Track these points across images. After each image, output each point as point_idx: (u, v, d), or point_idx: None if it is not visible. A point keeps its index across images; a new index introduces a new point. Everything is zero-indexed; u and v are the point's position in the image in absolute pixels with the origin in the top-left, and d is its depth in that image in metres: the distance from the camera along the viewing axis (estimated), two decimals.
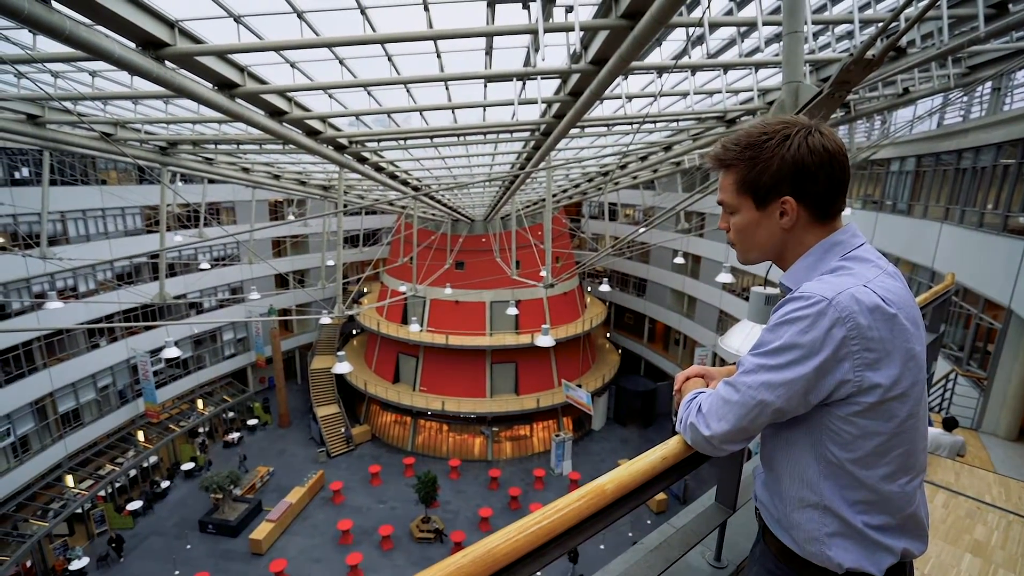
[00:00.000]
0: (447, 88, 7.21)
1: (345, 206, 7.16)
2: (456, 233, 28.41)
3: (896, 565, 1.10)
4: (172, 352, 11.94)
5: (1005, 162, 10.77)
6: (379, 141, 9.05)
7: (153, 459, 24.58)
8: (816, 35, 7.39)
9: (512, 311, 20.46)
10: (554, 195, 20.85)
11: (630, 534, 20.81)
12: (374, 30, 4.72)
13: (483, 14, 5.03)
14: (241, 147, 9.54)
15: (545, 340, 12.58)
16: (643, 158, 13.31)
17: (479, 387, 28.19)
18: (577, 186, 19.34)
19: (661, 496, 22.26)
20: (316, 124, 6.96)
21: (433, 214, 26.22)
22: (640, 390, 30.04)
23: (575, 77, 6.39)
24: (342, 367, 10.05)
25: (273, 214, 32.42)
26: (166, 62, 4.56)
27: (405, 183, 13.66)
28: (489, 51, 6.10)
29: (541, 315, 28.60)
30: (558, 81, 7.13)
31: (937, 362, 3.03)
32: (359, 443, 27.99)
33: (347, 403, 29.51)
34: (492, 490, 24.11)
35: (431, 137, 9.06)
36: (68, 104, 7.72)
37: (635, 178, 17.30)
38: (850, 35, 6.93)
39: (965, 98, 13.06)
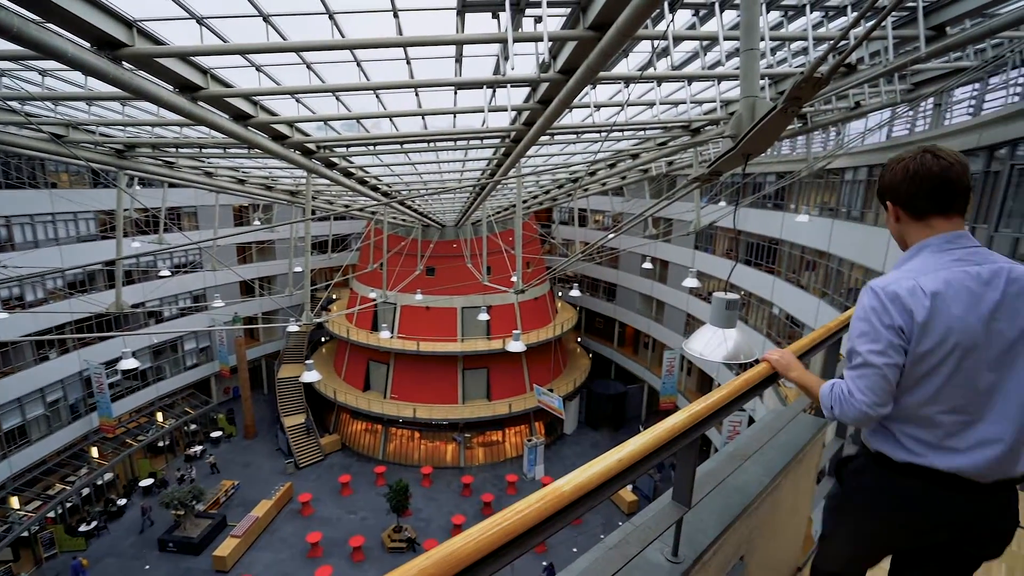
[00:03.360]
0: (417, 94, 7.21)
1: (313, 212, 7.06)
2: (427, 239, 28.26)
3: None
4: (129, 363, 11.44)
5: None
6: (348, 146, 8.96)
7: (108, 476, 23.46)
8: (774, 50, 7.71)
9: (483, 317, 20.46)
10: (524, 201, 20.98)
11: (602, 536, 20.94)
12: (343, 35, 4.69)
13: (453, 22, 5.07)
14: (204, 151, 9.29)
15: (516, 345, 12.63)
16: (611, 165, 13.56)
17: (451, 393, 28.03)
18: (547, 192, 19.53)
19: (632, 498, 22.55)
20: (283, 129, 6.85)
21: (403, 220, 26.02)
22: (611, 393, 30.41)
23: (544, 86, 6.48)
24: (310, 376, 9.85)
25: (238, 219, 31.56)
26: (123, 63, 4.42)
27: (375, 189, 13.54)
28: (459, 59, 6.14)
29: (512, 320, 28.67)
30: (528, 89, 7.23)
31: None
32: (329, 453, 27.43)
33: (316, 412, 28.89)
34: (465, 497, 23.95)
35: (401, 143, 9.03)
36: (15, 104, 7.38)
37: (604, 184, 17.59)
38: (805, 51, 7.25)
39: (911, 112, 13.80)
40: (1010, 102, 10.22)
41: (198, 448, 27.07)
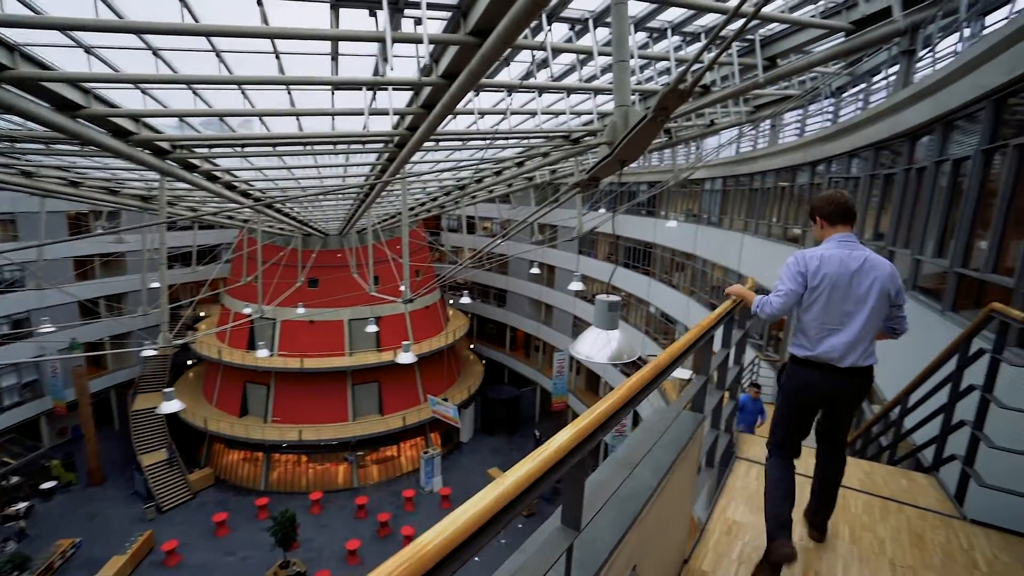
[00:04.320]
0: (290, 93, 6.71)
1: (172, 220, 6.23)
2: (308, 248, 26.54)
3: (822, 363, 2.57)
4: None
5: (781, 184, 13.25)
6: (210, 147, 8.08)
7: None
8: (642, 68, 8.37)
9: (372, 329, 19.64)
10: (411, 208, 20.60)
11: (503, 541, 21.11)
12: (195, 19, 4.19)
13: (327, 17, 4.79)
14: (16, 145, 7.78)
15: (407, 357, 12.23)
16: (497, 172, 13.79)
17: (340, 411, 26.51)
18: (434, 199, 19.35)
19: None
20: (125, 123, 5.96)
21: (281, 228, 24.17)
22: (505, 398, 30.85)
23: (427, 90, 6.38)
24: (170, 406, 8.64)
25: (74, 228, 27.02)
26: None
27: (246, 195, 12.38)
28: (335, 56, 5.82)
29: (403, 330, 27.93)
30: (411, 93, 7.07)
31: (745, 351, 3.57)
32: (199, 490, 24.41)
33: (183, 446, 25.62)
34: (360, 519, 22.72)
35: (273, 145, 8.35)
36: None
37: (491, 192, 17.86)
38: (668, 71, 7.98)
39: (754, 131, 15.84)
40: (823, 126, 12.13)
41: (22, 505, 22.26)
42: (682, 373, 18.97)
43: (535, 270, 28.67)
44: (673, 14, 6.62)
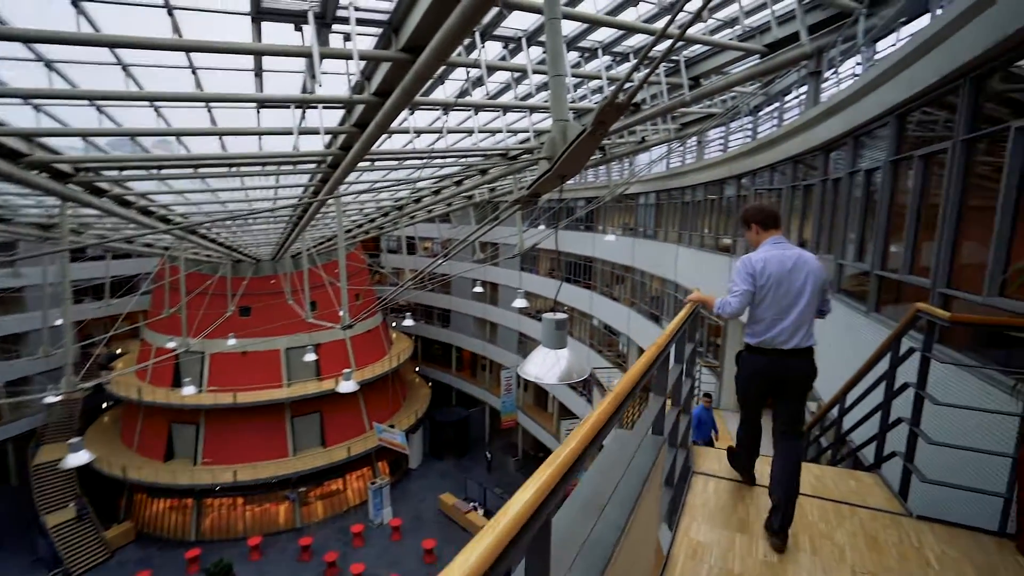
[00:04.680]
0: (210, 111, 6.29)
1: (75, 246, 5.62)
2: (239, 275, 25.07)
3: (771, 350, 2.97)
4: None
5: (711, 197, 13.93)
6: (120, 169, 7.41)
7: None
8: (576, 87, 8.56)
9: (310, 357, 18.69)
10: (348, 230, 19.99)
11: None
12: (96, 29, 3.81)
13: (248, 30, 4.52)
14: None
15: (348, 385, 11.64)
16: (436, 192, 13.63)
17: (279, 446, 24.96)
18: (372, 220, 18.87)
19: (485, 521, 22.48)
20: (14, 143, 5.33)
21: (208, 255, 22.70)
22: (454, 420, 30.26)
23: (360, 108, 6.18)
24: (77, 458, 7.69)
25: None
26: None
27: (166, 220, 11.49)
28: (259, 73, 5.51)
29: (344, 357, 26.83)
30: (343, 112, 6.83)
31: (696, 364, 3.61)
32: (117, 548, 22.05)
33: (98, 499, 23.12)
34: (304, 562, 21.29)
35: (194, 167, 7.79)
36: None
37: (430, 212, 17.64)
38: (601, 89, 8.19)
39: (682, 148, 16.64)
40: (745, 142, 12.92)
41: None
42: None
43: (478, 289, 28.53)
44: (603, 34, 6.81)
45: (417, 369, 35.41)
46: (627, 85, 2.48)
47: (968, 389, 3.11)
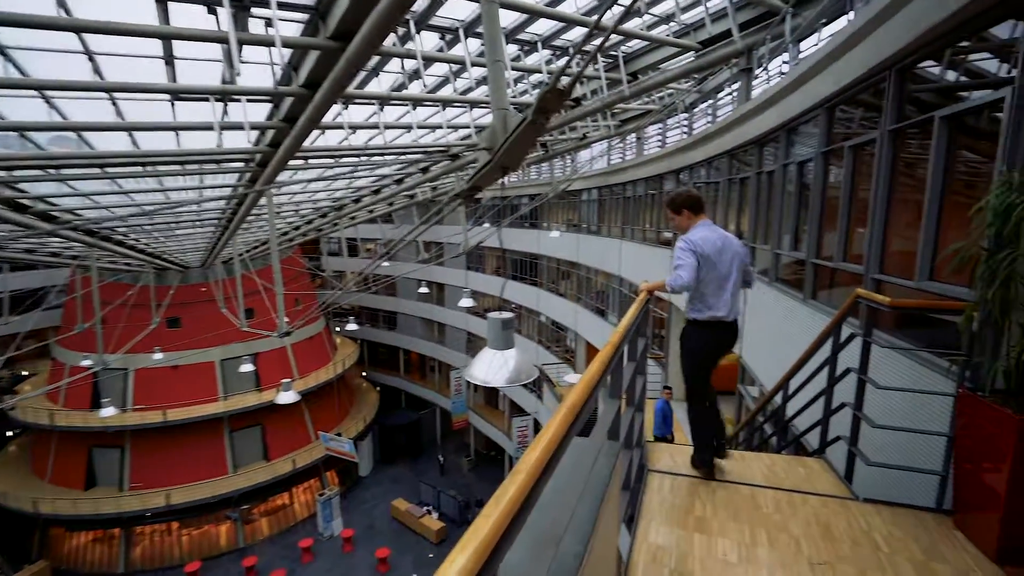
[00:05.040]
0: (115, 103, 5.68)
1: None
2: (164, 284, 23.34)
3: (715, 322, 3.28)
4: None
5: (651, 192, 14.25)
6: (10, 169, 6.59)
7: None
8: (516, 81, 8.44)
9: (247, 368, 17.65)
10: (285, 233, 19.04)
11: (414, 574, 20.00)
12: None
13: (153, 12, 4.06)
14: None
15: (287, 396, 10.99)
16: (376, 191, 13.17)
17: (217, 463, 23.48)
18: (310, 222, 18.05)
19: (439, 525, 22.09)
20: None
21: (127, 263, 20.95)
22: (404, 423, 29.65)
23: (288, 101, 5.78)
24: None
25: None
26: None
27: (75, 228, 10.41)
28: (170, 60, 5.01)
29: (286, 366, 25.66)
30: (270, 105, 6.38)
31: (646, 359, 3.57)
32: None
33: (5, 539, 20.87)
34: None
35: (101, 166, 7.05)
36: None
37: (371, 212, 17.08)
38: (541, 84, 8.11)
39: (622, 144, 16.94)
40: (682, 138, 13.29)
41: None
42: (577, 379, 19.62)
43: (424, 289, 28.01)
44: (543, 27, 6.72)
45: (364, 374, 34.38)
46: (568, 71, 2.35)
47: (902, 371, 3.22)
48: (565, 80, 2.55)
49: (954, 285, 3.03)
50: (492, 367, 2.61)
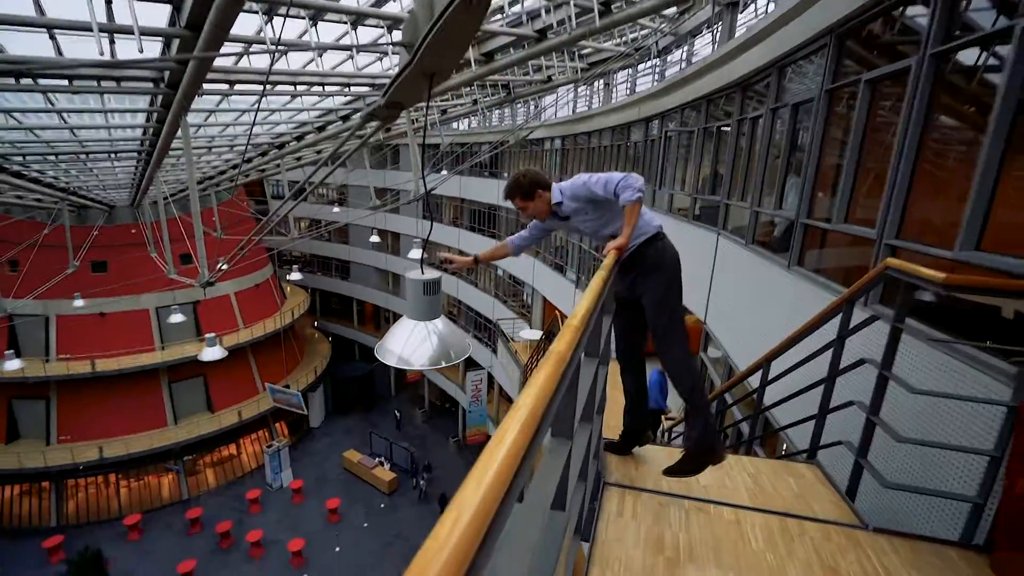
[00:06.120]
0: None
1: None
2: (87, 224, 21.24)
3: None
4: None
5: (616, 143, 13.57)
6: None
7: None
8: None
9: (178, 318, 16.40)
10: (222, 171, 17.40)
11: (365, 524, 20.02)
12: None
13: None
14: None
15: (213, 352, 10.01)
16: (320, 128, 11.92)
17: (156, 415, 22.42)
18: (249, 160, 16.46)
19: (391, 476, 22.04)
20: None
21: (39, 199, 18.74)
22: (358, 375, 29.05)
23: (188, 4, 4.70)
24: None
25: None
26: None
27: None
28: None
29: (230, 315, 24.33)
30: (169, 8, 5.23)
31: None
32: None
33: None
34: (194, 535, 19.66)
35: None
36: None
37: (319, 152, 15.69)
38: None
39: (589, 91, 16.00)
40: (656, 83, 12.54)
41: None
42: (532, 334, 19.28)
43: (375, 238, 26.76)
44: None
45: (316, 324, 33.26)
46: None
47: (930, 368, 2.60)
48: None
49: (1017, 258, 2.35)
50: (411, 343, 2.00)
